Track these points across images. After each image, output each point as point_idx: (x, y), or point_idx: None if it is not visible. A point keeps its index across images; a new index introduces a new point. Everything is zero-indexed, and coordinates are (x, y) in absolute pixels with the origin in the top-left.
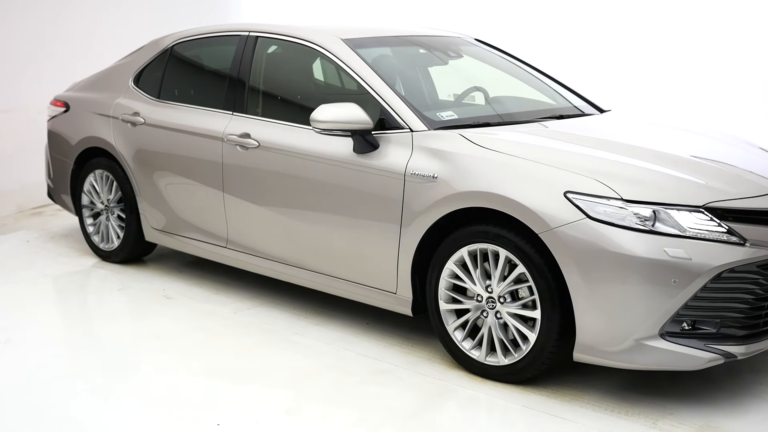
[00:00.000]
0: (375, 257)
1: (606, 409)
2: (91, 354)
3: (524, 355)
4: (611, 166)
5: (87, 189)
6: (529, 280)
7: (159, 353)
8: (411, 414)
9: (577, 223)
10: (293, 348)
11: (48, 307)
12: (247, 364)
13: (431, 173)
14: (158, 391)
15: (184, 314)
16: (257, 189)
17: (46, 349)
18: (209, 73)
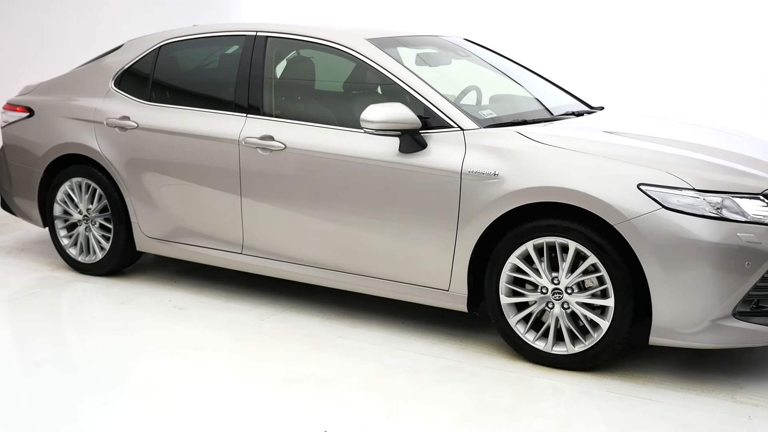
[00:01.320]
0: (425, 255)
1: (681, 387)
2: (145, 377)
3: (596, 342)
4: (672, 158)
5: (60, 199)
6: (600, 270)
7: (211, 366)
8: (509, 407)
9: (652, 213)
10: (346, 351)
11: (58, 327)
12: (314, 370)
13: (492, 170)
14: (245, 405)
15: (208, 324)
16: (285, 192)
17: (86, 372)
18: (210, 74)
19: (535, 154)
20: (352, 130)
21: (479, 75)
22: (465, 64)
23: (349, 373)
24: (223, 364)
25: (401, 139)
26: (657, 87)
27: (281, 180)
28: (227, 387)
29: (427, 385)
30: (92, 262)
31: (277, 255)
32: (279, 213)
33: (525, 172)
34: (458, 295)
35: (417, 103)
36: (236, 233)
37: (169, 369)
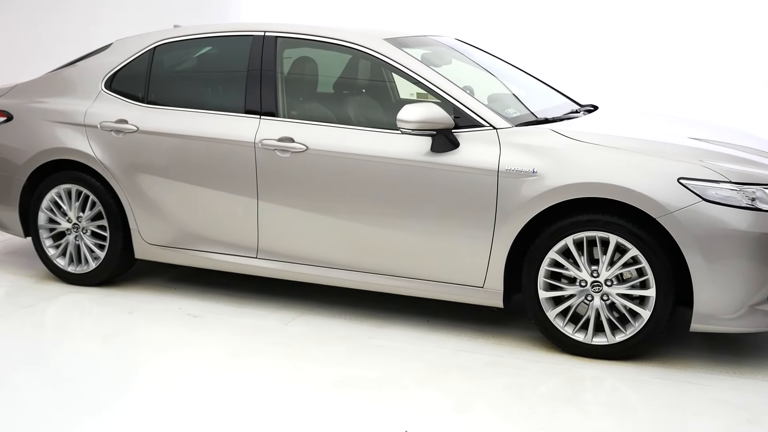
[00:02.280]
0: (460, 253)
1: (721, 370)
2: (192, 388)
3: (637, 332)
4: (703, 152)
5: (46, 207)
6: (641, 262)
7: (257, 372)
8: (572, 397)
9: (693, 206)
10: (387, 351)
11: (76, 341)
12: (363, 372)
13: (530, 168)
14: (309, 408)
15: (232, 331)
16: (307, 194)
17: (131, 385)
18: (215, 76)
19: (572, 151)
20: (376, 130)
21: (474, 75)
22: (459, 64)
23: (398, 373)
24: (268, 369)
25: (434, 139)
26: (645, 85)
27: (303, 182)
28: (283, 392)
29: (481, 381)
30: (84, 272)
31: (297, 258)
32: (300, 215)
33: (564, 168)
34: (494, 291)
35: (446, 104)
36: (250, 237)
37: (214, 378)
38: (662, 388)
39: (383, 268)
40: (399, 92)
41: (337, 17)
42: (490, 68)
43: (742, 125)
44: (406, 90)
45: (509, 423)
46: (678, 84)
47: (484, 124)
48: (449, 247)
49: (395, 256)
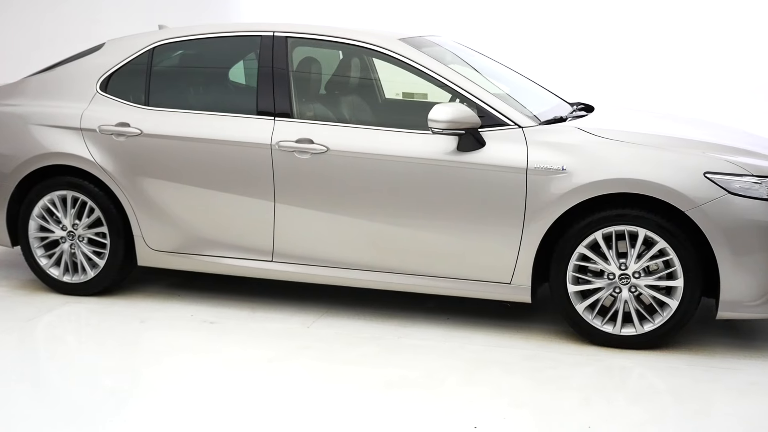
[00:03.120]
0: (487, 250)
1: (747, 355)
2: (240, 395)
3: (665, 321)
4: (724, 148)
5: (38, 215)
6: (669, 254)
7: (301, 375)
8: (618, 386)
9: (720, 199)
10: (421, 350)
11: (103, 356)
12: (406, 372)
13: (559, 165)
14: (367, 409)
15: (258, 336)
16: (328, 196)
17: (181, 397)
18: (222, 77)
19: (600, 148)
20: (399, 130)
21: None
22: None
23: (442, 371)
24: (309, 372)
25: (461, 138)
26: (631, 85)
27: (324, 183)
28: (334, 393)
29: (526, 375)
30: (81, 282)
31: (316, 260)
32: (320, 217)
33: (594, 165)
34: (522, 287)
35: (469, 103)
36: (266, 240)
37: (260, 383)
38: (701, 375)
39: (407, 267)
40: (384, 92)
41: (335, 17)
42: (483, 70)
43: (738, 125)
44: (405, 89)
45: (570, 415)
46: (670, 83)
47: (508, 122)
48: (477, 244)
49: (420, 256)
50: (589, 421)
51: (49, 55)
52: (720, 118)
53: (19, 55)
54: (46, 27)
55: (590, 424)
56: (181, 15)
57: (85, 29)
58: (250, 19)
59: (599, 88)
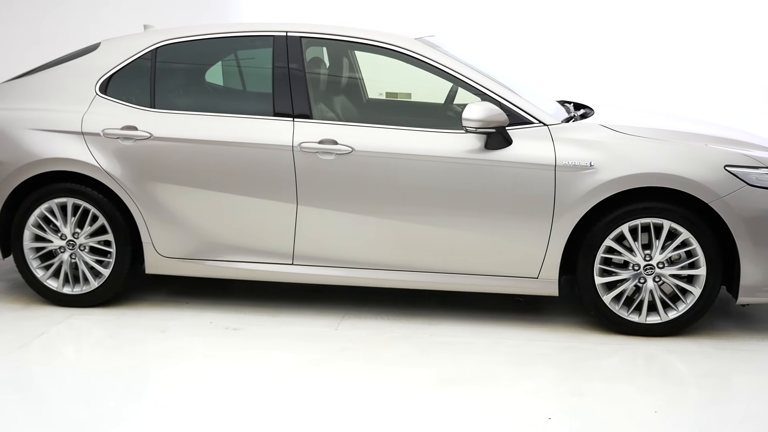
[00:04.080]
0: (516, 246)
1: (761, 338)
2: (294, 401)
3: (688, 308)
4: (739, 143)
5: (34, 224)
6: (692, 244)
7: (349, 378)
8: (663, 371)
9: (740, 190)
10: (459, 348)
11: (130, 368)
12: (454, 368)
13: (587, 161)
14: (435, 408)
15: (290, 339)
16: (353, 196)
17: (242, 408)
18: (233, 78)
19: (625, 144)
20: (424, 129)
21: None
22: None
23: (488, 366)
24: (357, 374)
25: (490, 137)
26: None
27: (349, 184)
28: (392, 393)
29: (571, 365)
30: (84, 293)
31: (338, 261)
32: (345, 218)
33: (621, 161)
34: (549, 280)
35: (493, 102)
36: (286, 243)
37: (310, 387)
38: (732, 358)
39: (434, 265)
40: (368, 92)
41: (335, 17)
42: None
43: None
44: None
45: (632, 401)
46: (664, 83)
47: (533, 121)
48: (505, 241)
49: (447, 254)
50: (653, 406)
51: (48, 55)
52: (714, 118)
53: (19, 55)
54: (46, 27)
55: (656, 408)
56: (181, 15)
57: (84, 29)
58: (250, 19)
59: (581, 87)
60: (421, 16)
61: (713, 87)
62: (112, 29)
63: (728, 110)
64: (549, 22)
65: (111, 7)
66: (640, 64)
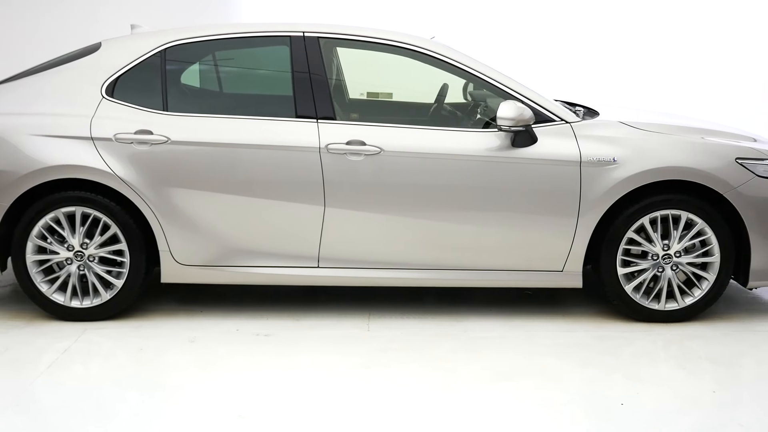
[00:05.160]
0: (543, 241)
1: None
2: (359, 404)
3: (704, 294)
4: (745, 137)
5: (38, 235)
6: (707, 233)
7: (407, 378)
8: (704, 354)
9: (750, 181)
10: (498, 342)
11: (182, 381)
12: (506, 363)
13: (610, 157)
14: (505, 402)
15: (326, 343)
16: (382, 197)
17: (293, 416)
18: (250, 79)
19: (644, 140)
20: (451, 129)
21: None
22: None
23: (534, 358)
24: (412, 373)
25: (518, 135)
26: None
27: (378, 184)
28: (457, 390)
29: (614, 353)
30: (95, 306)
31: (365, 263)
32: (373, 218)
33: (641, 156)
34: (574, 273)
35: (518, 101)
36: (311, 246)
37: (370, 390)
38: (757, 340)
39: (461, 263)
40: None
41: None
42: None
43: None
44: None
45: (688, 383)
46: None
47: (555, 119)
48: (532, 236)
49: (475, 251)
50: (708, 387)
51: (48, 55)
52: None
53: (19, 55)
54: (45, 27)
55: (714, 389)
56: (181, 15)
57: (84, 29)
58: (250, 19)
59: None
60: (410, 18)
61: (704, 88)
62: (112, 29)
63: (722, 111)
64: (540, 23)
65: (111, 7)
66: (628, 66)
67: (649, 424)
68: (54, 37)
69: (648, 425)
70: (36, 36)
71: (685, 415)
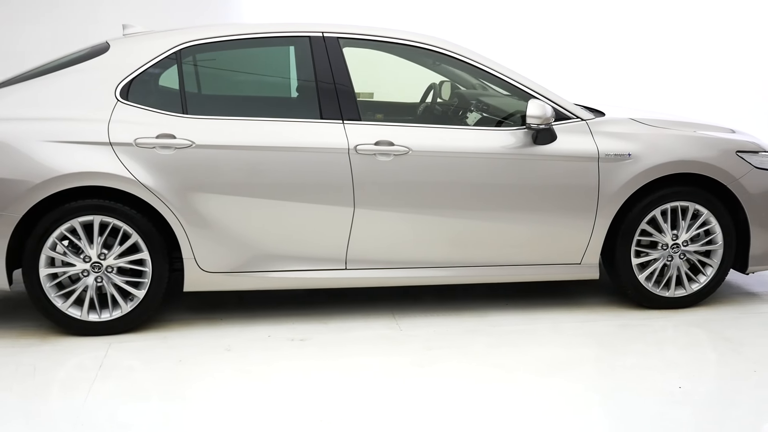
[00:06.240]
0: (563, 235)
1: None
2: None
3: (709, 281)
4: (721, 128)
5: (52, 246)
6: (712, 222)
7: (464, 377)
8: (725, 336)
9: (750, 173)
10: (529, 335)
11: (241, 391)
12: (544, 357)
13: (626, 152)
14: (564, 391)
15: (369, 344)
16: (410, 196)
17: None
18: (270, 80)
19: (656, 135)
20: (474, 128)
21: None
22: None
23: (571, 348)
24: (470, 370)
25: (540, 132)
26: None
27: (407, 184)
28: (520, 383)
29: (642, 339)
30: (114, 319)
31: (393, 262)
32: (401, 218)
33: (654, 150)
34: (591, 265)
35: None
36: (339, 248)
37: (430, 390)
38: (759, 318)
39: (487, 259)
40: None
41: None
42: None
43: None
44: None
45: (724, 365)
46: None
47: (572, 117)
48: (554, 230)
49: (499, 247)
50: (747, 366)
51: (48, 55)
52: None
53: (19, 55)
54: (45, 27)
55: (755, 368)
56: (181, 15)
57: (84, 29)
58: (250, 19)
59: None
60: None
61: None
62: (112, 29)
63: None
64: (538, 23)
65: (111, 7)
66: (619, 68)
67: (714, 401)
68: (54, 37)
69: (713, 403)
70: (36, 36)
71: (740, 393)
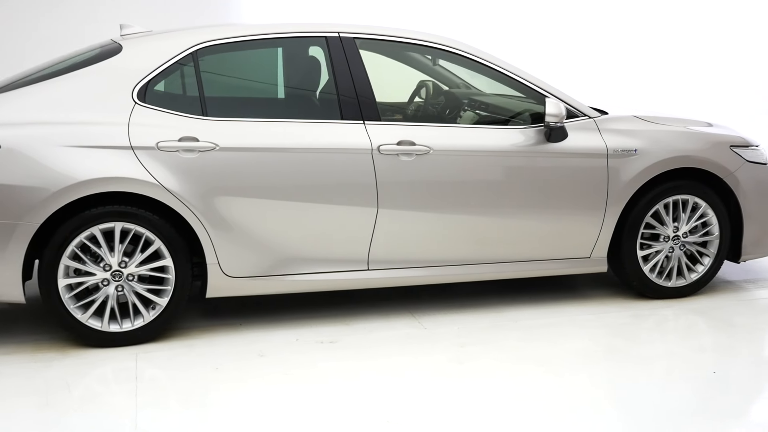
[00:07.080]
0: (574, 230)
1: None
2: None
3: (707, 270)
4: (725, 127)
5: (70, 255)
6: (709, 214)
7: (503, 373)
8: (736, 323)
9: (743, 166)
10: (554, 329)
11: (287, 396)
12: (577, 348)
13: (632, 148)
14: (605, 380)
15: (398, 344)
16: (432, 196)
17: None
18: (290, 81)
19: (658, 131)
20: (491, 126)
21: None
22: None
23: (598, 340)
24: (504, 364)
25: (553, 130)
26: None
27: (429, 184)
28: (558, 375)
29: (663, 327)
30: (135, 329)
31: (414, 262)
32: (422, 218)
33: (658, 146)
34: (599, 258)
35: (542, 99)
36: (361, 249)
37: (476, 387)
38: (759, 308)
39: (505, 256)
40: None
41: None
42: None
43: None
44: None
45: (744, 349)
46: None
47: (580, 115)
48: (567, 225)
49: (515, 243)
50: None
51: (48, 55)
52: None
53: (18, 55)
54: (45, 27)
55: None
56: (181, 15)
57: (83, 29)
58: (250, 19)
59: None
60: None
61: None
62: (111, 29)
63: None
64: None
65: (111, 7)
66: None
67: (752, 384)
68: (54, 37)
69: (750, 386)
70: (36, 36)
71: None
